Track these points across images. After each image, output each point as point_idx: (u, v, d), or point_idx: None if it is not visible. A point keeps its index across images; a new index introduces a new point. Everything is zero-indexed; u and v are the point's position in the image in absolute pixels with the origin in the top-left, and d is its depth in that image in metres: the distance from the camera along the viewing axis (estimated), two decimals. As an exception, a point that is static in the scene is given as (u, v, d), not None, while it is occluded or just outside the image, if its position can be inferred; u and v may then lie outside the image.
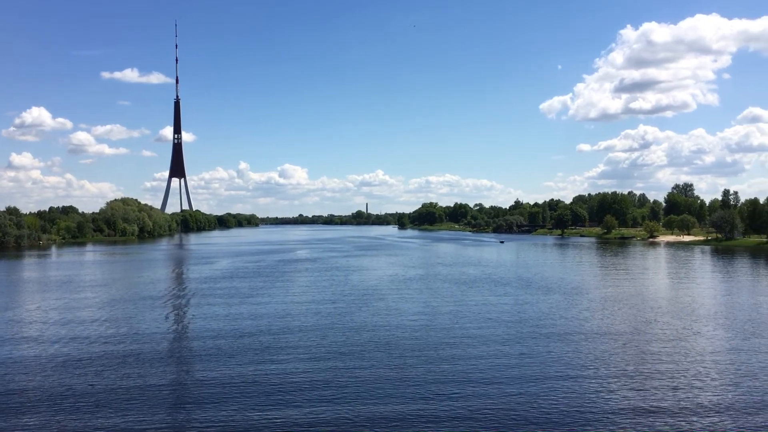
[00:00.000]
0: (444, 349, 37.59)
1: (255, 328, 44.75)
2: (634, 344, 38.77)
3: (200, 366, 34.01)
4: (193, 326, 46.45)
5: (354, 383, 30.23)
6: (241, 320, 48.04)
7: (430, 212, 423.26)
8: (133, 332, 43.45)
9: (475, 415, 25.57)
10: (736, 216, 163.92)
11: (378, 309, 53.26)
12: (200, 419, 25.43)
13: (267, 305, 55.82)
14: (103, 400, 27.75)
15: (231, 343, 39.73)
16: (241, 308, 54.14)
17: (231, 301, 58.87)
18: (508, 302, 56.81)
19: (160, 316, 51.20)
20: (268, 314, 50.78)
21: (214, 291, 66.67)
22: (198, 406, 27.08)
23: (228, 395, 28.44)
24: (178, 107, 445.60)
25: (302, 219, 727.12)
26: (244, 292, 65.85)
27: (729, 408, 26.27)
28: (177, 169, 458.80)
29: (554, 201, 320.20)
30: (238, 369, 33.09)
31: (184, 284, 77.16)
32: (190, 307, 55.77)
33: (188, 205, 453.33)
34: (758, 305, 53.84)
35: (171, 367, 34.02)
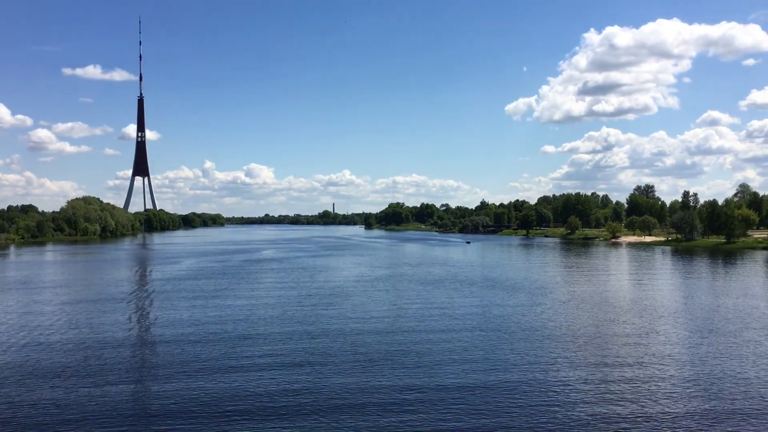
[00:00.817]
0: (410, 348, 37.63)
1: (220, 329, 44.25)
2: (596, 343, 39.33)
3: (164, 370, 33.38)
4: (156, 328, 45.71)
5: (320, 383, 30.07)
6: (205, 321, 47.46)
7: (396, 212, 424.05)
8: (94, 335, 42.51)
9: (441, 415, 25.63)
10: (696, 217, 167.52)
11: (344, 309, 53.13)
12: (164, 424, 25.04)
13: (232, 306, 55.26)
14: (62, 408, 27.09)
15: (195, 344, 39.20)
16: (206, 309, 53.50)
17: (195, 301, 58.14)
18: (474, 302, 57.19)
19: (121, 318, 50.24)
20: (234, 315, 50.27)
21: (178, 292, 65.79)
22: (162, 409, 26.64)
23: (192, 398, 28.04)
24: (142, 105, 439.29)
25: (268, 219, 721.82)
26: (208, 292, 65.11)
27: (688, 405, 26.80)
28: (140, 167, 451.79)
29: (519, 201, 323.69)
30: (202, 371, 32.66)
31: (147, 285, 75.99)
32: (153, 309, 54.92)
33: (152, 204, 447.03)
34: (716, 304, 55.08)
35: (133, 373, 33.30)
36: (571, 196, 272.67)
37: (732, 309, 52.16)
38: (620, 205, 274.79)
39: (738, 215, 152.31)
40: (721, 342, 39.18)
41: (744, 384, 29.80)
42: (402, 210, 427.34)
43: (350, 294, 63.32)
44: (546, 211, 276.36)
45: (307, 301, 58.28)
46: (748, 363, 33.90)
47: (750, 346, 37.93)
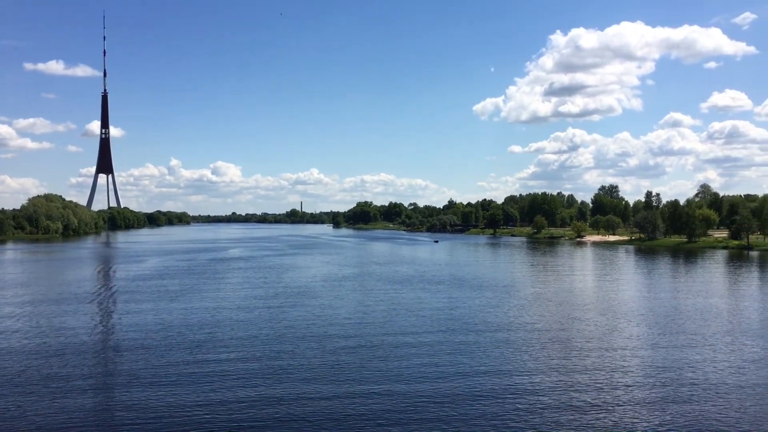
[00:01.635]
0: (378, 346, 37.73)
1: (185, 330, 43.77)
2: (561, 340, 39.91)
3: (127, 374, 32.91)
4: (120, 329, 44.96)
5: (287, 384, 29.99)
6: (170, 322, 46.91)
7: (365, 211, 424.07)
8: (54, 337, 41.63)
9: (407, 412, 25.76)
10: (658, 217, 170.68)
11: (311, 309, 52.99)
12: (128, 430, 24.72)
13: (198, 306, 54.71)
14: (19, 417, 26.59)
15: (160, 346, 38.74)
16: (171, 309, 52.88)
17: (160, 301, 57.44)
18: (442, 301, 57.53)
19: (84, 319, 49.31)
20: (199, 315, 49.79)
21: (143, 291, 64.88)
22: (125, 416, 26.31)
23: (157, 402, 27.72)
24: (106, 101, 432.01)
25: (235, 217, 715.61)
26: (174, 292, 64.35)
27: (648, 401, 27.38)
28: (104, 165, 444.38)
29: (487, 201, 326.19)
30: (167, 373, 32.29)
31: (111, 284, 74.78)
32: (117, 309, 54.11)
33: (116, 202, 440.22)
34: (677, 303, 56.27)
35: (96, 378, 32.71)
36: (538, 195, 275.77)
37: (692, 307, 53.31)
38: (585, 205, 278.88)
39: (699, 215, 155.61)
40: (682, 340, 40.05)
41: (702, 380, 30.51)
42: (370, 209, 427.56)
43: (318, 293, 63.17)
44: (513, 211, 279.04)
45: (274, 300, 57.99)
46: (707, 360, 34.71)
47: (708, 343, 38.83)
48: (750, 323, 46.19)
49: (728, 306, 54.62)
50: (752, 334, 42.14)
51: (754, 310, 52.13)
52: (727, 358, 35.28)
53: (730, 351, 36.93)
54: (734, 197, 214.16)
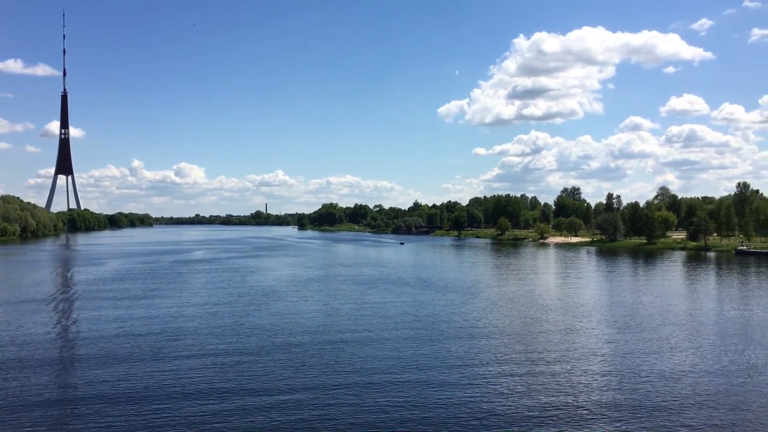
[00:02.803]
0: (343, 348, 37.75)
1: (147, 332, 43.21)
2: (524, 341, 40.44)
3: (87, 378, 32.46)
4: (78, 334, 44.13)
5: (252, 385, 29.84)
6: (132, 324, 46.24)
7: (330, 213, 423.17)
8: (9, 341, 40.79)
9: (371, 414, 25.85)
10: (619, 219, 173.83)
11: (277, 310, 52.76)
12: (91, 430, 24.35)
13: (160, 309, 54.03)
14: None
15: (121, 349, 38.18)
16: (132, 312, 52.13)
17: (121, 304, 56.56)
18: (407, 302, 57.78)
19: (41, 323, 48.23)
20: (162, 318, 49.18)
21: (103, 294, 63.78)
22: (87, 415, 25.91)
23: (117, 409, 27.34)
24: (66, 101, 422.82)
25: (199, 219, 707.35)
26: (135, 295, 63.41)
27: (610, 399, 27.94)
28: (64, 166, 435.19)
29: (452, 203, 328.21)
30: (129, 377, 31.87)
31: (69, 287, 73.36)
32: (75, 313, 53.14)
33: (76, 204, 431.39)
34: (636, 302, 57.46)
35: (52, 384, 32.14)
36: (502, 197, 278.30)
37: (651, 306, 54.50)
38: (548, 207, 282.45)
39: (658, 217, 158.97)
40: (641, 338, 40.92)
41: (660, 377, 31.24)
42: (335, 211, 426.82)
43: (282, 295, 62.90)
44: (477, 213, 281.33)
45: (238, 302, 57.56)
46: (665, 357, 35.55)
47: (667, 342, 39.76)
48: (706, 322, 47.38)
49: (686, 306, 55.93)
50: (708, 332, 43.24)
51: (711, 310, 53.47)
52: (684, 355, 36.13)
53: (687, 349, 37.83)
54: (692, 199, 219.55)
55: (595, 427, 24.33)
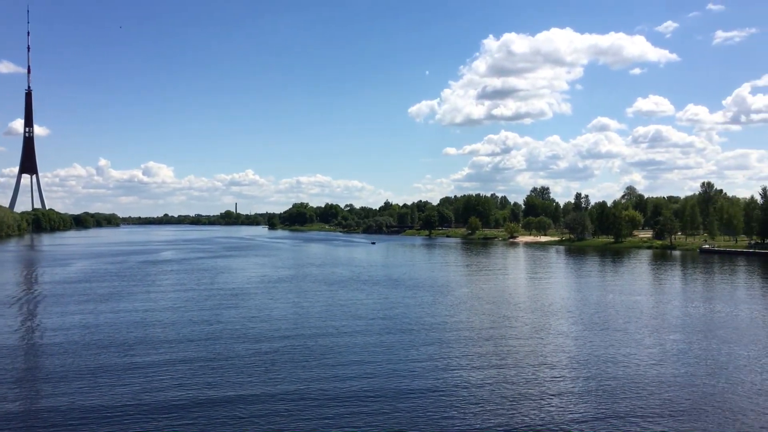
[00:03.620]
0: (313, 347, 37.65)
1: (114, 333, 42.56)
2: (494, 339, 40.73)
3: (50, 382, 31.90)
4: (42, 336, 43.27)
5: (222, 386, 29.60)
6: (98, 325, 45.53)
7: (300, 213, 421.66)
8: (-26, 340, 39.95)
9: (343, 413, 25.82)
10: (587, 218, 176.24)
11: (247, 310, 52.42)
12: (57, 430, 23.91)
13: (128, 309, 53.30)
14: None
15: (87, 349, 37.57)
16: (99, 313, 51.33)
17: (87, 305, 55.66)
18: (378, 301, 57.84)
19: (4, 323, 47.34)
20: (129, 319, 48.51)
21: (69, 294, 62.68)
22: (53, 418, 25.45)
23: (87, 406, 26.91)
24: (30, 99, 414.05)
25: (167, 219, 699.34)
26: (102, 295, 62.44)
27: (576, 394, 28.32)
28: (28, 164, 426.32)
29: (422, 202, 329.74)
30: (96, 378, 31.40)
31: (35, 288, 71.89)
32: (40, 314, 52.07)
33: (41, 203, 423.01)
34: (604, 300, 58.30)
35: (14, 388, 31.69)
36: (472, 197, 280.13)
37: (618, 305, 55.34)
38: (518, 206, 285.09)
39: (625, 216, 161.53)
40: (607, 336, 41.53)
41: (625, 374, 31.74)
42: (306, 210, 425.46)
43: (252, 295, 62.49)
44: (448, 212, 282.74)
45: (207, 303, 57.05)
46: (630, 354, 36.10)
47: (633, 339, 40.40)
48: (671, 320, 48.25)
49: (652, 304, 56.88)
50: (673, 329, 44.04)
51: (676, 308, 54.48)
52: (650, 352, 36.76)
53: (653, 345, 38.49)
54: (658, 199, 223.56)
55: (562, 423, 24.62)
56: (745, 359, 35.10)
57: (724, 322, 46.70)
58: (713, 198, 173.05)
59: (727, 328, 44.55)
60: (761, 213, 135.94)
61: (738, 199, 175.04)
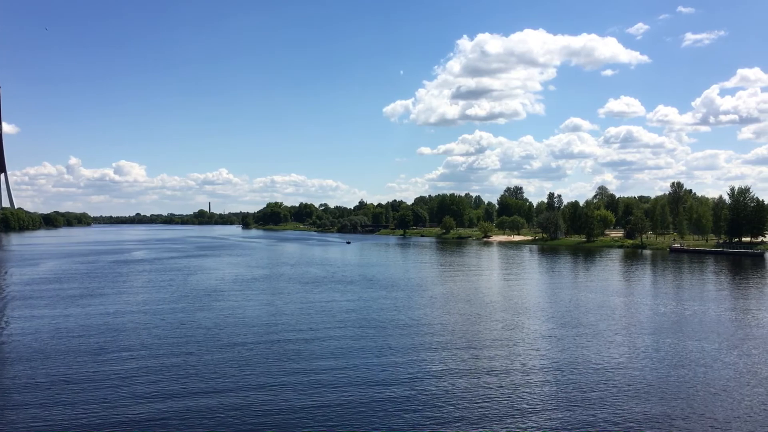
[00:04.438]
0: (287, 347, 37.59)
1: (85, 334, 42.09)
2: (468, 337, 41.05)
3: (20, 383, 31.42)
4: (11, 336, 42.62)
5: (195, 386, 29.43)
6: (69, 326, 44.96)
7: (275, 212, 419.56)
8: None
9: (317, 411, 25.86)
10: (560, 217, 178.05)
11: (220, 309, 52.13)
12: (21, 433, 23.61)
13: (100, 309, 52.69)
14: None
15: (58, 350, 37.11)
16: (70, 313, 50.68)
17: (57, 306, 54.94)
18: (352, 300, 57.90)
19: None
20: (101, 319, 47.98)
21: (39, 295, 61.76)
22: (20, 424, 25.10)
23: (57, 408, 26.58)
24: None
25: (140, 218, 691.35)
26: (73, 295, 61.63)
27: (552, 392, 28.69)
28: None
29: (397, 202, 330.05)
30: (67, 379, 31.03)
31: (2, 289, 70.64)
32: (9, 314, 51.25)
33: (9, 202, 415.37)
34: (576, 299, 59.03)
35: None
36: (446, 196, 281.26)
37: (589, 303, 56.07)
38: (492, 206, 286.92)
39: (597, 216, 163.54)
40: (579, 333, 42.09)
41: (595, 370, 32.24)
42: (280, 209, 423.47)
43: (226, 296, 62.14)
44: (422, 211, 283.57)
45: (180, 303, 56.60)
46: (601, 351, 36.65)
47: (604, 336, 40.99)
48: (641, 317, 49.04)
49: (622, 302, 57.74)
50: (643, 327, 44.78)
51: (646, 305, 55.35)
52: (619, 349, 37.34)
53: (623, 343, 39.09)
54: (629, 199, 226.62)
55: (533, 421, 24.93)
56: (712, 355, 35.82)
57: (692, 320, 47.57)
58: (683, 198, 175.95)
59: (695, 325, 45.40)
60: (729, 213, 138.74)
61: (707, 199, 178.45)
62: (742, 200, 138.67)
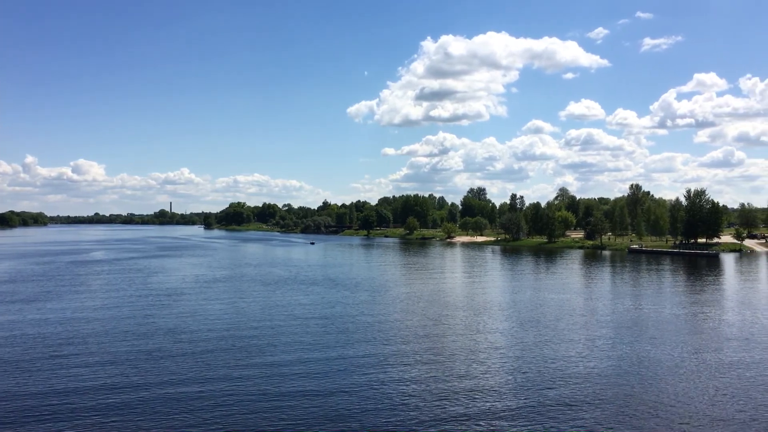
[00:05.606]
0: (249, 348, 37.34)
1: (41, 335, 41.22)
2: (429, 337, 41.30)
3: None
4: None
5: (155, 388, 29.03)
6: (23, 329, 43.95)
7: (237, 212, 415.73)
8: None
9: (279, 414, 25.75)
10: (522, 218, 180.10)
11: (181, 311, 51.49)
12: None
13: (55, 311, 51.62)
14: None
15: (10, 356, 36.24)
16: (24, 315, 49.52)
17: (11, 307, 53.63)
18: (315, 301, 57.75)
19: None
20: (57, 321, 47.00)
21: (-7, 296, 60.18)
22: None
23: (15, 410, 25.96)
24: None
25: (98, 218, 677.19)
26: (28, 297, 60.26)
27: (510, 390, 29.04)
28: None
29: (361, 202, 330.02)
30: (24, 381, 30.33)
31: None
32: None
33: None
34: (537, 299, 59.81)
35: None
36: (410, 197, 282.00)
37: (550, 303, 56.89)
38: (455, 207, 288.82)
39: (558, 217, 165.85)
40: (539, 333, 42.68)
41: (555, 370, 32.75)
42: (243, 210, 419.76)
43: (187, 296, 61.40)
44: (386, 212, 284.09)
45: (139, 304, 55.75)
46: (561, 351, 37.23)
47: (563, 335, 41.65)
48: (600, 317, 49.90)
49: (582, 302, 58.70)
50: (601, 326, 45.60)
51: (605, 306, 56.33)
52: (578, 348, 37.97)
53: (581, 341, 39.76)
54: (589, 200, 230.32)
55: (491, 419, 25.20)
56: (667, 353, 36.66)
57: (648, 319, 48.60)
58: (641, 199, 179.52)
59: (652, 324, 46.42)
60: (685, 214, 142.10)
61: (664, 200, 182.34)
62: (698, 202, 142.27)
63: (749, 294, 64.81)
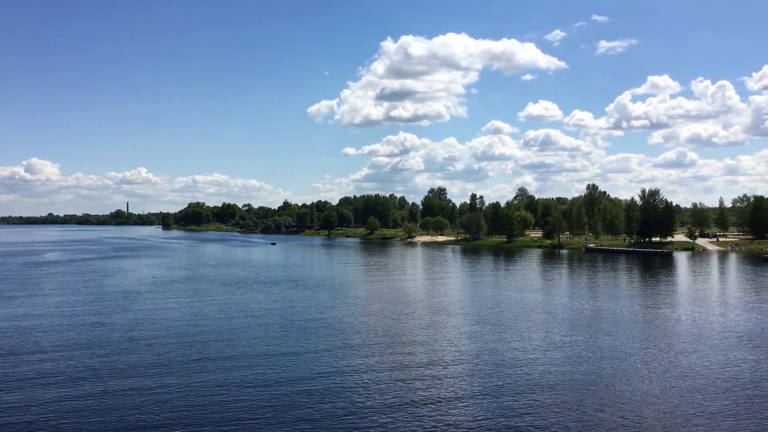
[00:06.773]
0: (207, 347, 36.99)
1: (-9, 338, 40.13)
2: (390, 337, 41.47)
3: None
4: None
5: (111, 387, 28.56)
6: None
7: (196, 212, 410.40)
8: None
9: (239, 415, 25.57)
10: (482, 218, 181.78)
11: (138, 312, 50.71)
12: None
13: (8, 312, 50.37)
14: None
15: (-40, 356, 35.22)
16: (-25, 317, 48.15)
17: (-39, 309, 52.07)
18: (275, 301, 57.45)
19: None
20: (10, 322, 45.92)
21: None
22: None
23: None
24: None
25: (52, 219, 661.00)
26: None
27: (470, 388, 29.36)
28: None
29: (322, 202, 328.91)
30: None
31: None
32: None
33: None
34: (496, 297, 60.51)
35: None
36: (371, 197, 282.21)
37: (509, 301, 57.64)
38: (416, 207, 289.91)
39: (517, 216, 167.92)
40: (498, 331, 43.24)
41: (514, 366, 33.26)
42: (202, 210, 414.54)
43: (144, 298, 60.44)
44: (347, 212, 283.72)
45: (95, 306, 54.69)
46: (519, 348, 37.79)
47: (521, 333, 42.27)
48: (557, 314, 50.78)
49: (540, 299, 59.60)
50: (559, 323, 46.42)
51: (562, 303, 57.35)
52: (536, 345, 38.60)
53: (539, 338, 40.43)
54: (547, 200, 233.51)
55: (450, 414, 25.46)
56: (621, 348, 37.51)
57: (604, 316, 49.61)
58: (597, 199, 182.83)
59: (607, 321, 47.41)
60: (640, 214, 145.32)
61: (620, 200, 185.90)
62: (652, 202, 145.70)
63: (700, 292, 66.66)
